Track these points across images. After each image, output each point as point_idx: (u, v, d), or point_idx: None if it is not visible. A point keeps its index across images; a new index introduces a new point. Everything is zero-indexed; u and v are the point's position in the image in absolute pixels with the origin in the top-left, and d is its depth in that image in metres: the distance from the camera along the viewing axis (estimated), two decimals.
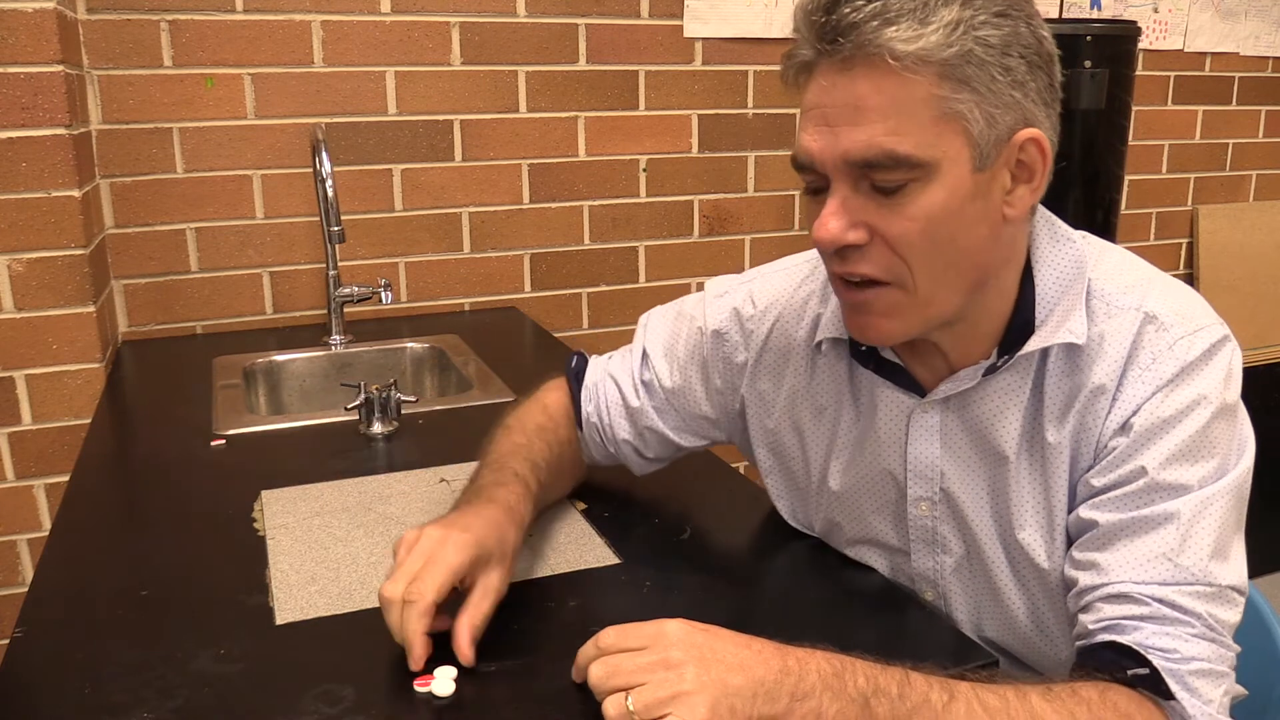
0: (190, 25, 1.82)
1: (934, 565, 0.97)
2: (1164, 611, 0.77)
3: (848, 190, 0.79)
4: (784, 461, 1.07)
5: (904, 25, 0.74)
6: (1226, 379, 0.82)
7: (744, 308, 1.06)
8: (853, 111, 0.77)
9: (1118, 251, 0.91)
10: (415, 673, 0.81)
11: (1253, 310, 2.96)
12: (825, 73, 0.78)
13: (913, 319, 0.83)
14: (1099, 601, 0.79)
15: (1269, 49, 2.85)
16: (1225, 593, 0.78)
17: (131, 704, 0.80)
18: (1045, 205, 0.90)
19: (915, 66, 0.75)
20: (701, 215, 2.30)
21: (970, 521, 0.93)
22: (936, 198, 0.78)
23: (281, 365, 1.80)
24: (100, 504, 1.23)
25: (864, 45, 0.75)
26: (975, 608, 0.96)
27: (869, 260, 0.81)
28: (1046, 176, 0.83)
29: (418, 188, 2.04)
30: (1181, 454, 0.79)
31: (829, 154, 0.79)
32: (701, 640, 0.72)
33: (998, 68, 0.76)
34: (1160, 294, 0.85)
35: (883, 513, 0.99)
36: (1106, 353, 0.83)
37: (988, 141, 0.78)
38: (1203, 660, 0.75)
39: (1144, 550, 0.78)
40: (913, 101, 0.75)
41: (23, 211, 1.60)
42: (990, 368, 0.88)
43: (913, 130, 0.76)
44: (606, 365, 1.16)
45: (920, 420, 0.93)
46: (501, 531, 0.90)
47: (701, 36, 2.20)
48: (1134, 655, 0.75)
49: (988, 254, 0.82)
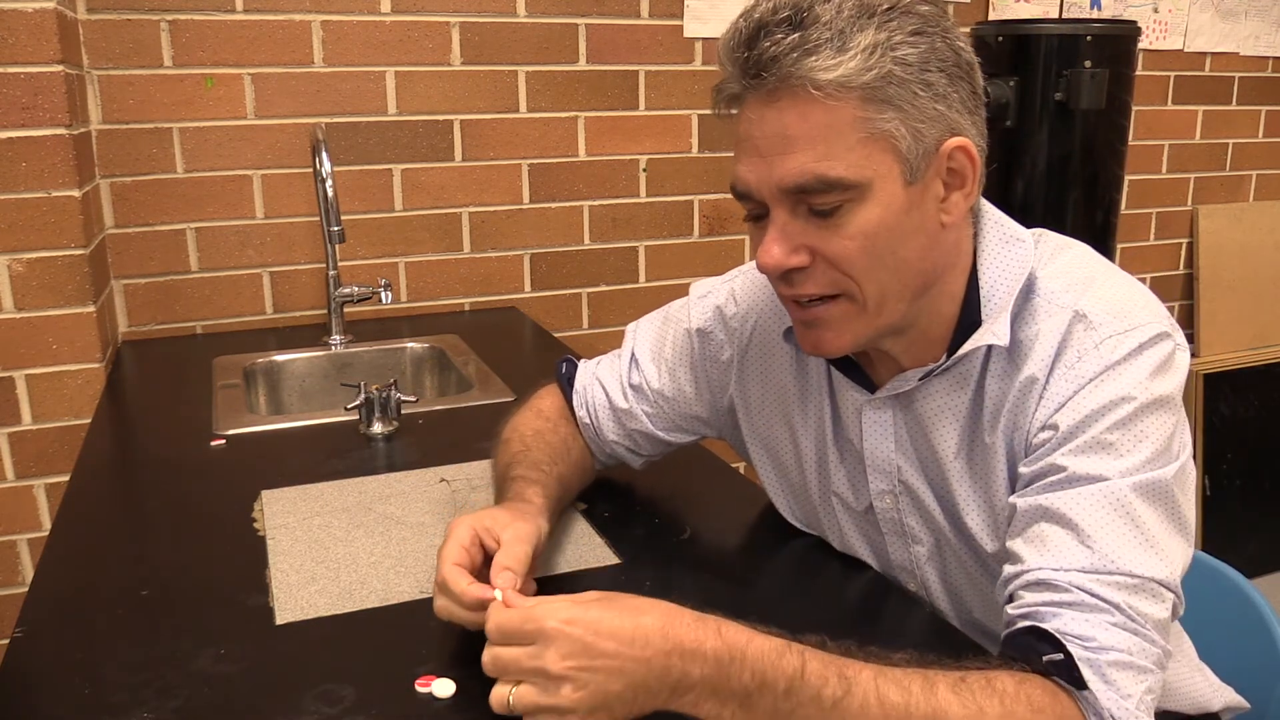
0: (190, 25, 1.82)
1: (908, 556, 0.99)
2: (1083, 598, 0.75)
3: (786, 216, 0.82)
4: (778, 458, 1.08)
5: (823, 55, 0.77)
6: (1154, 375, 0.81)
7: (726, 306, 1.08)
8: (782, 141, 0.80)
9: (1073, 249, 0.91)
10: (415, 673, 0.82)
11: (1253, 310, 2.96)
12: (752, 105, 0.81)
13: (863, 328, 0.86)
14: (1020, 589, 0.79)
15: (1269, 49, 2.85)
16: (1148, 585, 0.76)
17: (131, 704, 0.80)
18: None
19: (838, 93, 0.78)
20: (701, 215, 2.30)
21: (931, 513, 0.94)
22: (872, 215, 0.81)
23: (281, 365, 1.80)
24: (100, 504, 1.23)
25: (786, 78, 0.78)
26: (954, 594, 0.97)
27: (813, 280, 0.84)
28: (979, 181, 0.85)
29: (418, 188, 2.04)
30: (1099, 446, 0.79)
31: (764, 183, 0.82)
32: (580, 641, 0.70)
33: (918, 84, 0.79)
34: (1099, 292, 0.85)
35: (859, 507, 1.01)
36: (1038, 351, 0.84)
37: (916, 155, 0.81)
38: (1120, 651, 0.74)
39: (1062, 538, 0.78)
40: (839, 126, 0.78)
41: (23, 211, 1.60)
42: (927, 372, 0.89)
43: (841, 154, 0.79)
44: (594, 370, 1.17)
45: (872, 416, 0.95)
46: (512, 516, 0.92)
47: (701, 36, 2.20)
48: (1051, 640, 0.74)
49: (929, 260, 0.85)
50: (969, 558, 0.94)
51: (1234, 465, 2.82)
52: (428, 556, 1.04)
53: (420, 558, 1.04)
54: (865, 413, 0.96)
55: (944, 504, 0.93)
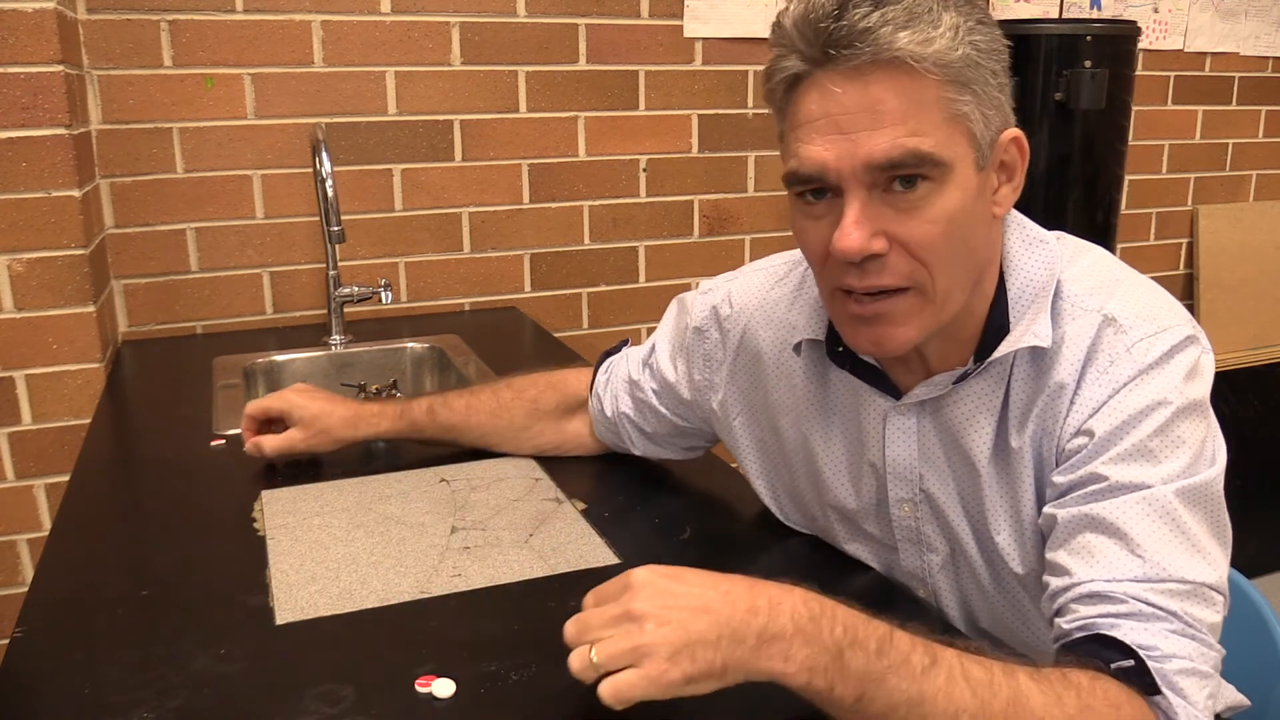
0: (190, 25, 1.82)
1: (921, 564, 0.98)
2: (1139, 608, 0.75)
3: (865, 197, 0.79)
4: (773, 463, 1.08)
5: (919, 28, 0.76)
6: (1187, 379, 0.81)
7: (722, 307, 1.09)
8: (871, 116, 0.77)
9: (1093, 252, 0.91)
10: (415, 673, 0.82)
11: (1253, 310, 2.96)
12: (833, 80, 0.78)
13: (928, 322, 0.83)
14: (1073, 603, 0.78)
15: (1269, 49, 2.85)
16: (1200, 590, 0.76)
17: (131, 704, 0.79)
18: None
19: (929, 70, 0.76)
20: (701, 215, 2.30)
21: (951, 522, 0.93)
22: (953, 198, 0.79)
23: (281, 365, 1.80)
24: (100, 504, 1.23)
25: (881, 50, 0.76)
26: (965, 604, 0.97)
27: (890, 270, 0.80)
28: (1023, 174, 0.85)
29: (418, 188, 2.04)
30: (1140, 453, 0.79)
31: (846, 162, 0.78)
32: (665, 586, 0.71)
33: (989, 70, 0.79)
34: (1125, 295, 0.85)
35: (869, 513, 1.00)
36: (1065, 355, 0.83)
37: (985, 142, 0.80)
38: (1184, 658, 0.74)
39: (1111, 549, 0.77)
40: (927, 103, 0.77)
41: (23, 211, 1.60)
42: (962, 375, 0.88)
43: (930, 130, 0.77)
44: (630, 349, 1.25)
45: (896, 423, 0.94)
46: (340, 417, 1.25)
47: (701, 36, 2.20)
48: (1118, 647, 0.74)
49: (985, 253, 0.85)
50: (984, 567, 0.92)
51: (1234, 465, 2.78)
52: (428, 556, 1.04)
53: (420, 558, 1.04)
54: (890, 419, 0.94)
55: (970, 511, 0.91)
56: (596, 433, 1.26)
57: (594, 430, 1.26)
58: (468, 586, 0.98)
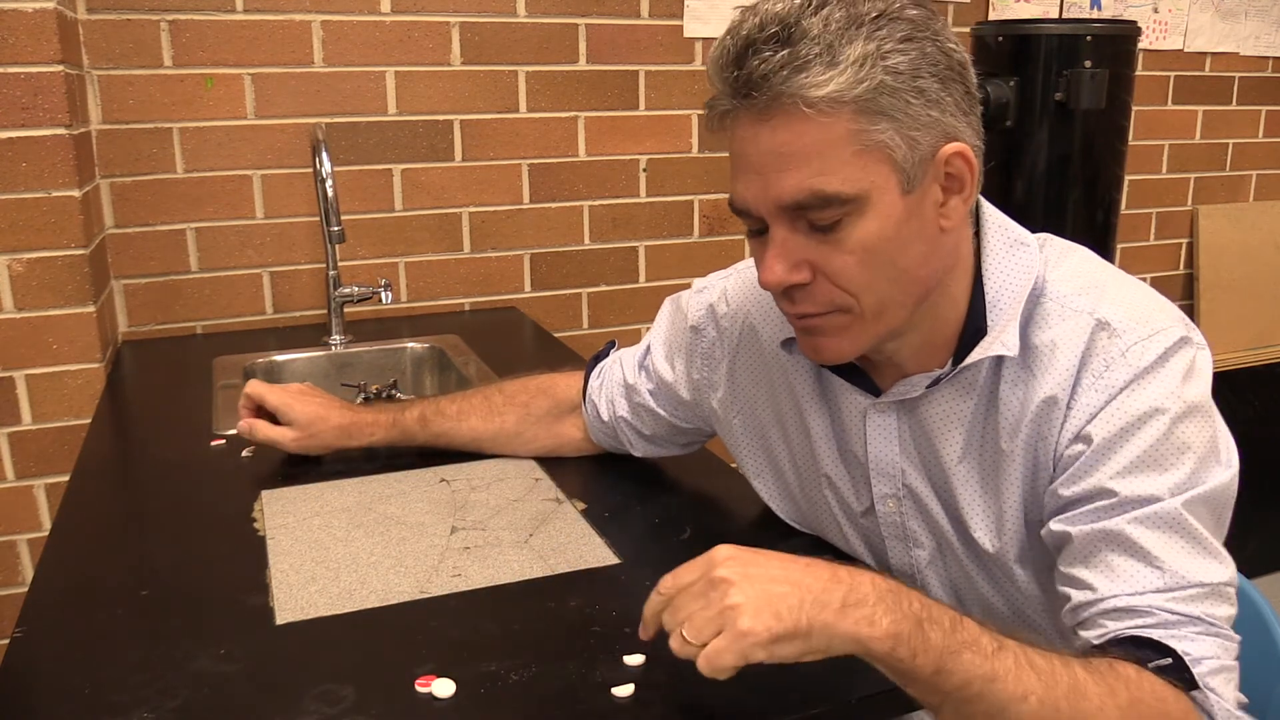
0: (190, 25, 1.82)
1: (909, 560, 0.99)
2: (1165, 618, 0.77)
3: (786, 232, 0.82)
4: (773, 460, 1.09)
5: (813, 71, 0.76)
6: (1185, 380, 0.81)
7: (718, 305, 1.09)
8: (777, 159, 0.79)
9: (1079, 252, 0.91)
10: (415, 673, 0.82)
11: (1253, 310, 2.96)
12: (745, 123, 0.80)
13: (862, 336, 0.86)
14: (1099, 617, 0.79)
15: (1269, 49, 2.85)
16: (1218, 589, 0.78)
17: (131, 704, 0.79)
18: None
19: (830, 109, 0.76)
20: (701, 215, 2.30)
21: (934, 518, 0.94)
22: (871, 227, 0.80)
23: (281, 365, 1.80)
24: (100, 504, 1.23)
25: (778, 96, 0.77)
26: (955, 599, 0.97)
27: (813, 299, 0.84)
28: (977, 184, 0.85)
29: (418, 188, 2.04)
30: (1145, 464, 0.79)
31: (761, 200, 0.81)
32: (748, 558, 0.73)
33: (910, 92, 0.78)
34: (1116, 297, 0.85)
35: (859, 509, 1.01)
36: (1059, 360, 0.84)
37: (912, 164, 0.79)
38: (1212, 658, 0.76)
39: (1129, 564, 0.78)
40: (833, 141, 0.77)
41: (23, 211, 1.60)
42: (935, 379, 0.89)
43: (837, 168, 0.78)
44: (621, 351, 1.24)
45: (876, 420, 0.95)
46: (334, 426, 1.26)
47: (701, 36, 2.20)
48: (1154, 647, 0.75)
49: (929, 267, 0.85)
50: (971, 562, 0.93)
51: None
52: (428, 556, 1.04)
53: (420, 558, 1.04)
54: (870, 416, 0.95)
55: (948, 508, 0.93)
56: (593, 437, 1.26)
57: (589, 434, 1.26)
58: (468, 586, 0.98)
